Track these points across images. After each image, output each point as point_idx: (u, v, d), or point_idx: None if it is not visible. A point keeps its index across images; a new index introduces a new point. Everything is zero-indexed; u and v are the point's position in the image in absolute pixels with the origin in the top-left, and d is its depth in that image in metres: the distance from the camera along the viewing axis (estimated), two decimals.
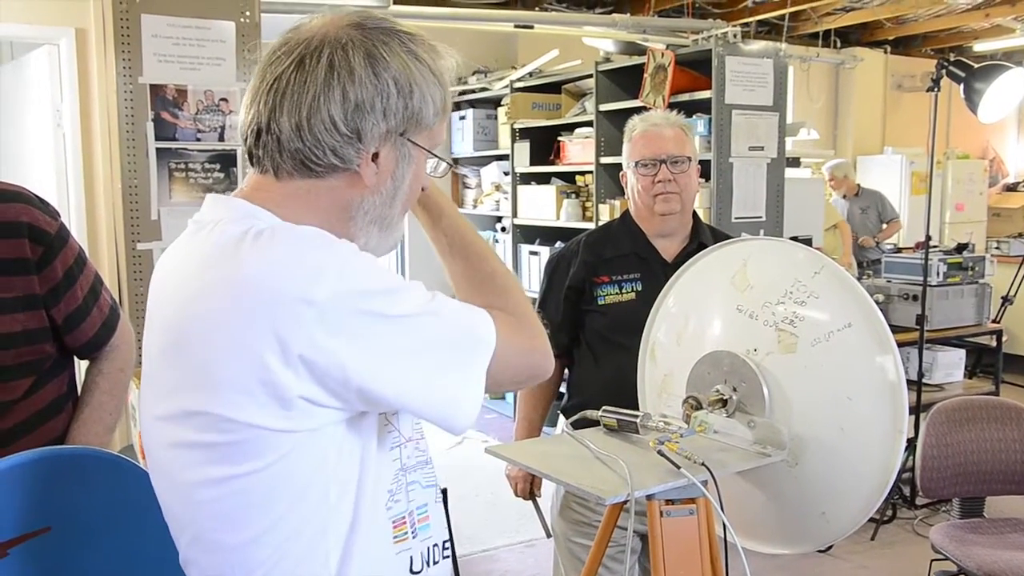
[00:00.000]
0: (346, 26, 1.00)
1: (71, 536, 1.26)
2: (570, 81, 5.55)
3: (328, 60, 0.98)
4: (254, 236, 0.94)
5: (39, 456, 1.28)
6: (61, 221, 1.56)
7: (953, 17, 7.38)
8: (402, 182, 1.05)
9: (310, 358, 0.90)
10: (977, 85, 4.09)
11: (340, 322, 0.91)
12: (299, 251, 0.93)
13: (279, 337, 0.89)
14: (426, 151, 1.06)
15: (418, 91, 1.01)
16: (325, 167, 1.00)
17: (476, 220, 6.53)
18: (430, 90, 1.02)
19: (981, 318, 4.66)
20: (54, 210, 1.57)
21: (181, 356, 0.95)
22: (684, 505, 1.54)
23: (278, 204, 1.01)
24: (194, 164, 3.51)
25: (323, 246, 0.94)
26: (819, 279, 1.60)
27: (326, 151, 0.98)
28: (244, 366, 0.91)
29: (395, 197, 1.05)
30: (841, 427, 1.54)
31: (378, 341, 0.93)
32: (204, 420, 0.94)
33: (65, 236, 1.55)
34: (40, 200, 1.55)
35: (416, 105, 1.01)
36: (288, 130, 0.98)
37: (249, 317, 0.90)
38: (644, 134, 2.15)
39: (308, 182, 1.01)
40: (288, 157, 1.00)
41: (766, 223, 4.40)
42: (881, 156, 8.16)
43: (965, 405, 3.00)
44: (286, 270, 0.91)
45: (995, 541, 2.81)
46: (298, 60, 0.99)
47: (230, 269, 0.93)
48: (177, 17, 3.43)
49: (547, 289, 2.25)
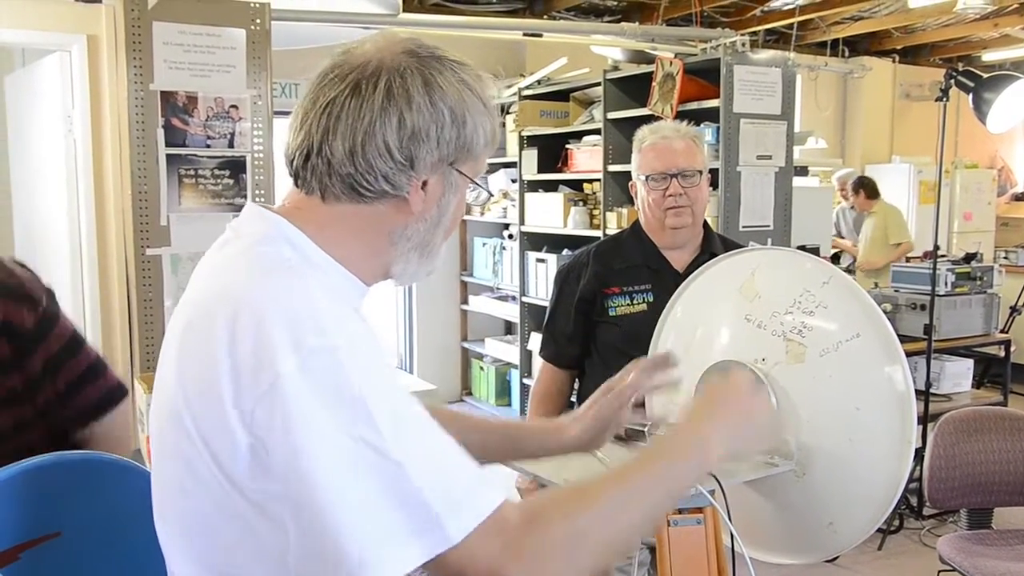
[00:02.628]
0: (401, 53, 1.00)
1: (81, 541, 1.27)
2: (578, 89, 5.55)
3: (386, 86, 0.97)
4: (280, 270, 0.94)
5: (49, 461, 1.29)
6: (44, 308, 1.46)
7: (962, 27, 7.38)
8: (447, 210, 1.05)
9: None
10: (986, 95, 4.08)
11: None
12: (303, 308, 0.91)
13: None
14: (470, 180, 1.06)
15: (471, 121, 1.01)
16: (375, 193, 0.99)
17: (483, 227, 6.55)
18: (481, 120, 1.02)
19: (989, 328, 4.64)
20: (39, 294, 1.47)
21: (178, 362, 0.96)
22: (691, 514, 1.53)
23: (320, 227, 1.00)
24: (204, 170, 3.52)
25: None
26: (828, 289, 1.60)
27: (378, 177, 0.98)
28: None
29: (439, 224, 1.05)
30: (849, 437, 1.53)
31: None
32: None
33: (48, 327, 1.46)
34: (19, 287, 1.45)
35: (468, 135, 1.01)
36: (341, 154, 0.97)
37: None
38: (654, 147, 2.13)
39: (355, 207, 1.00)
40: (338, 181, 0.99)
41: (774, 232, 4.39)
42: (889, 165, 8.15)
43: (973, 416, 2.99)
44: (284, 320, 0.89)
45: (1003, 553, 2.80)
46: (353, 84, 0.98)
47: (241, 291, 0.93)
48: (188, 24, 3.45)
49: (557, 300, 2.25)
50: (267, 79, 3.62)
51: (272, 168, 3.64)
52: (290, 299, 0.90)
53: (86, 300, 3.87)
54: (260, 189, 3.64)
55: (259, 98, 3.61)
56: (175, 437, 0.93)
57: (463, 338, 6.73)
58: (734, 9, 6.64)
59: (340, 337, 0.88)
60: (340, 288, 1.02)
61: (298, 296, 0.91)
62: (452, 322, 6.69)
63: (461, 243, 6.66)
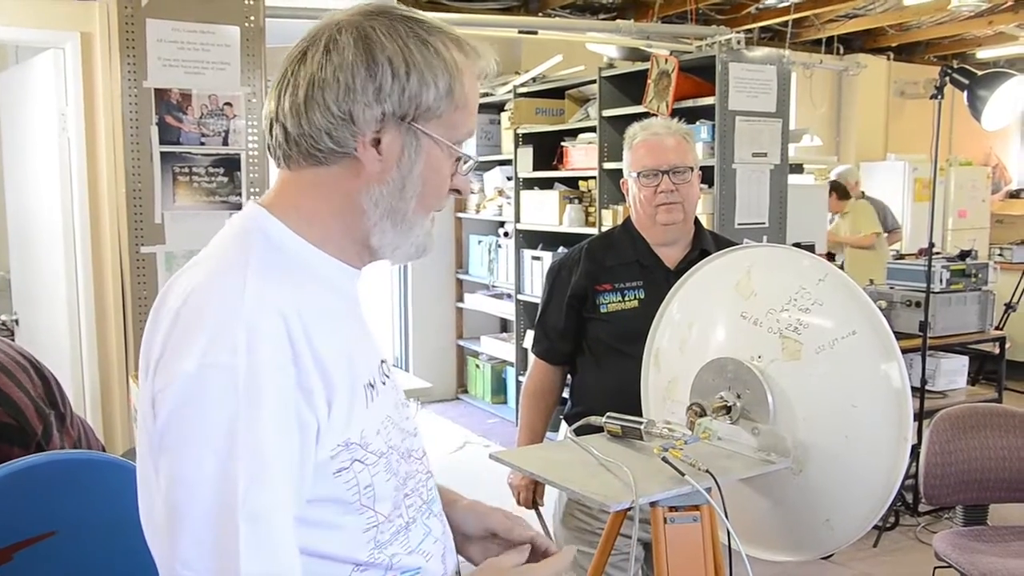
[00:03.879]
0: (355, 13, 1.01)
1: (76, 540, 1.26)
2: (574, 87, 5.55)
3: (324, 44, 0.99)
4: (233, 272, 0.95)
5: (43, 461, 1.28)
6: (37, 440, 1.42)
7: (956, 24, 7.38)
8: (409, 172, 1.02)
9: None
10: (981, 92, 4.09)
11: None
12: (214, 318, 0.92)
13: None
14: (445, 143, 1.03)
15: (416, 74, 0.99)
16: (325, 152, 1.00)
17: (478, 225, 6.54)
18: (432, 74, 0.99)
19: (984, 325, 4.65)
20: (32, 427, 1.42)
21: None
22: (688, 512, 1.54)
23: (296, 204, 1.02)
24: (198, 168, 3.51)
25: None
26: (823, 286, 1.60)
27: (322, 134, 0.99)
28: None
29: (404, 188, 1.02)
30: (845, 434, 1.54)
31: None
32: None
33: (49, 431, 1.43)
34: (8, 426, 1.40)
35: (415, 88, 0.99)
36: (291, 116, 1.00)
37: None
38: (645, 143, 2.14)
39: (316, 171, 1.01)
40: (293, 144, 1.01)
41: (769, 229, 4.40)
42: (884, 163, 8.16)
43: (969, 412, 3.00)
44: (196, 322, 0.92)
45: (999, 549, 2.80)
46: (302, 50, 1.01)
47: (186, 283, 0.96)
48: (182, 21, 3.44)
49: (549, 296, 2.25)
50: (261, 76, 3.61)
51: (267, 165, 3.63)
52: (226, 305, 0.92)
53: (80, 298, 3.85)
54: (255, 187, 3.63)
55: (253, 95, 3.60)
56: (140, 426, 0.97)
57: (459, 336, 6.73)
58: (729, 6, 6.64)
59: (246, 358, 0.88)
60: (321, 276, 1.02)
61: (234, 302, 0.92)
62: (447, 320, 6.68)
63: (456, 241, 6.66)
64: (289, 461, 0.91)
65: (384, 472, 1.01)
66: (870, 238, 6.47)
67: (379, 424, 1.03)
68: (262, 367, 0.89)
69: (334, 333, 0.98)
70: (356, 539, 1.00)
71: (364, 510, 1.00)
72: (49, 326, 4.03)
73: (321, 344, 0.95)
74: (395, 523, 1.04)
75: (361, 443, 0.98)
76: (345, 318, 1.04)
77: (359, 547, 1.00)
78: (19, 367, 1.47)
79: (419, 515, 1.09)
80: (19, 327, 4.31)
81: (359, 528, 1.00)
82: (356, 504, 0.99)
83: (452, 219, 6.60)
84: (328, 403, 0.94)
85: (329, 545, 0.98)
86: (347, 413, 0.97)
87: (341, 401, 0.96)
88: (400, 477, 1.05)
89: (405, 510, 1.06)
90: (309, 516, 0.95)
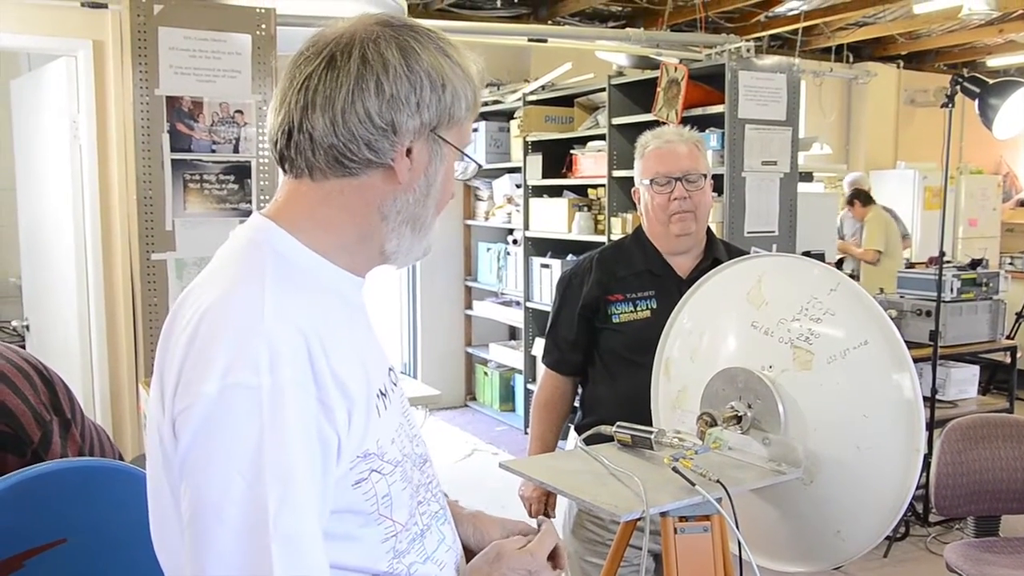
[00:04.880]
0: (374, 24, 1.01)
1: (86, 548, 1.26)
2: (583, 95, 5.56)
3: (360, 54, 0.98)
4: (250, 286, 0.94)
5: (53, 469, 1.28)
6: (34, 447, 1.39)
7: (967, 32, 7.37)
8: (435, 179, 1.04)
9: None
10: (992, 101, 4.08)
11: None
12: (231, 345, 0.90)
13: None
14: (457, 149, 1.06)
15: (451, 86, 1.01)
16: (360, 162, 0.99)
17: (488, 232, 6.55)
18: (461, 86, 1.02)
19: (995, 334, 4.63)
20: (30, 433, 1.39)
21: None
22: (698, 522, 1.53)
23: (311, 212, 1.01)
24: (209, 175, 3.52)
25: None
26: (835, 296, 1.60)
27: (360, 145, 0.98)
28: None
29: (428, 195, 1.04)
30: (857, 445, 1.53)
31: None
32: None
33: (49, 438, 1.41)
34: (4, 433, 1.37)
35: (448, 100, 1.01)
36: (322, 126, 0.98)
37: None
38: (658, 151, 2.13)
39: (342, 181, 1.00)
40: (322, 155, 0.99)
41: (779, 237, 4.39)
42: (894, 171, 8.14)
43: (980, 422, 2.98)
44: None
45: (1011, 561, 2.78)
46: (328, 58, 0.98)
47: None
48: (194, 30, 3.46)
49: (560, 307, 2.24)
50: (272, 84, 3.62)
51: (277, 173, 3.64)
52: (245, 323, 0.90)
53: (91, 305, 3.87)
54: (265, 194, 3.64)
55: (264, 103, 3.62)
56: (150, 436, 0.97)
57: (467, 343, 6.73)
58: (739, 15, 6.64)
59: (269, 378, 0.87)
60: (330, 288, 1.01)
61: (253, 320, 0.91)
62: (456, 327, 6.68)
63: (465, 248, 6.66)
64: (314, 479, 0.90)
65: (400, 481, 1.01)
66: (870, 254, 6.47)
67: (393, 432, 1.03)
68: (285, 386, 0.88)
69: (348, 345, 0.98)
70: (375, 550, 1.00)
71: (382, 520, 0.99)
72: (60, 332, 4.05)
73: (338, 358, 0.94)
74: (411, 531, 1.03)
75: (378, 453, 0.98)
76: (356, 328, 1.04)
77: (379, 558, 1.00)
78: (20, 373, 1.46)
79: (434, 522, 1.09)
80: (30, 333, 4.32)
81: (378, 539, 0.99)
82: (375, 514, 0.98)
83: (461, 226, 6.61)
84: (348, 416, 0.94)
85: (350, 557, 0.98)
86: (364, 424, 0.96)
87: (359, 413, 0.96)
88: (414, 485, 1.05)
89: (420, 517, 1.06)
90: (330, 529, 0.95)
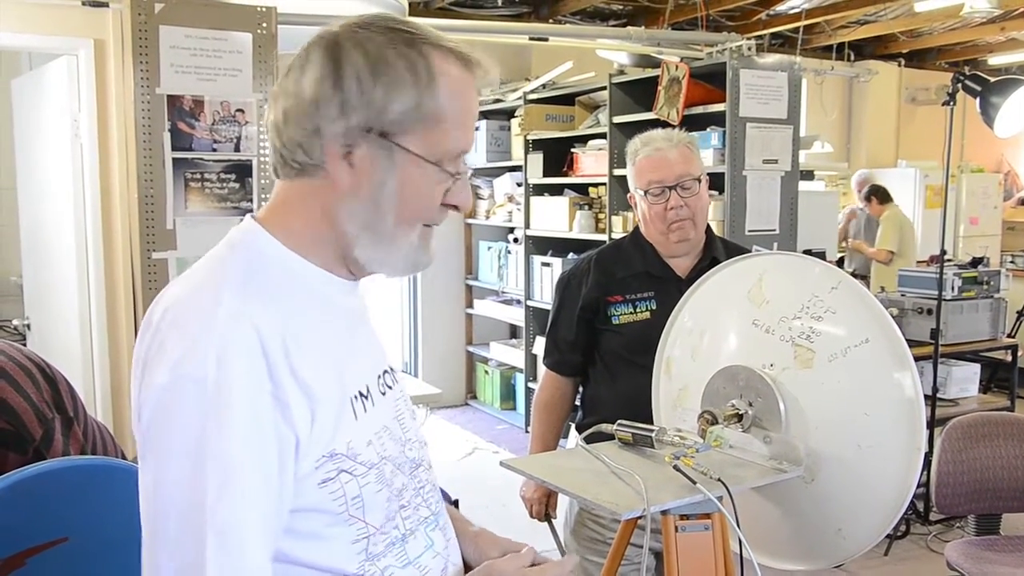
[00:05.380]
0: (344, 24, 1.01)
1: (88, 546, 1.26)
2: (584, 93, 5.56)
3: (303, 57, 1.00)
4: (212, 286, 0.96)
5: (55, 467, 1.28)
6: (36, 445, 1.38)
7: (968, 30, 7.37)
8: (381, 187, 0.99)
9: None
10: (994, 99, 4.07)
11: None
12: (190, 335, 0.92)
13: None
14: (422, 158, 0.99)
15: (381, 88, 0.96)
16: (300, 165, 1.00)
17: (488, 231, 6.55)
18: (399, 87, 0.96)
19: (996, 332, 4.63)
20: (31, 431, 1.39)
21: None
22: (699, 520, 1.53)
23: (286, 217, 1.03)
24: (210, 174, 3.52)
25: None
26: (836, 294, 1.60)
27: (295, 147, 0.99)
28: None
29: (378, 204, 0.99)
30: (858, 443, 1.53)
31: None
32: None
33: (51, 436, 1.41)
34: (4, 430, 1.37)
35: (380, 102, 0.96)
36: (273, 129, 1.02)
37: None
38: (649, 159, 2.08)
39: (299, 183, 1.02)
40: (279, 157, 1.02)
41: (780, 236, 4.39)
42: (895, 169, 8.14)
43: (981, 421, 2.98)
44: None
45: (1012, 559, 2.78)
46: (289, 65, 1.03)
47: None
48: (195, 28, 3.45)
49: (559, 308, 2.23)
50: (273, 83, 3.61)
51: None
52: (200, 320, 0.92)
53: (92, 303, 3.87)
54: (266, 193, 3.64)
55: (265, 102, 3.61)
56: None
57: (468, 342, 6.73)
58: (740, 13, 6.64)
59: (215, 372, 0.89)
60: (310, 289, 1.01)
61: (207, 317, 0.92)
62: (457, 326, 6.69)
63: (466, 247, 6.67)
64: (264, 474, 0.91)
65: (375, 483, 1.00)
66: (882, 254, 6.43)
67: (371, 435, 1.02)
68: (234, 381, 0.89)
69: (319, 346, 0.98)
70: (345, 550, 0.99)
71: (353, 521, 0.99)
72: (61, 331, 4.05)
73: (303, 358, 0.94)
74: (390, 535, 1.03)
75: (348, 454, 0.98)
76: (337, 330, 1.03)
77: (348, 558, 0.99)
78: (23, 371, 1.47)
79: (421, 527, 1.08)
80: (31, 331, 4.33)
81: (347, 539, 0.99)
82: (344, 515, 0.98)
83: (462, 225, 6.62)
84: (311, 415, 0.94)
85: (318, 556, 0.98)
86: (333, 425, 0.96)
87: (326, 413, 0.96)
88: (395, 488, 1.03)
89: (402, 522, 1.04)
90: (297, 526, 0.95)
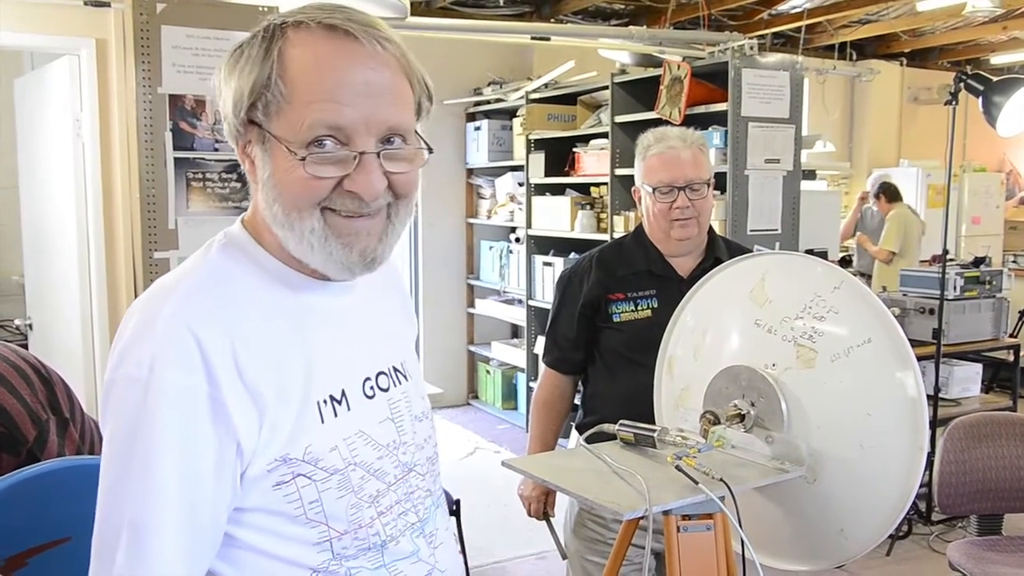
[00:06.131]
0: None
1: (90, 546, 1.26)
2: (586, 93, 5.55)
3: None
4: (170, 290, 0.98)
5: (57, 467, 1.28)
6: (29, 447, 1.40)
7: (970, 30, 7.36)
8: (266, 176, 0.98)
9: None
10: (996, 99, 4.07)
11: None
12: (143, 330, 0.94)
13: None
14: (281, 140, 0.95)
15: (237, 72, 0.98)
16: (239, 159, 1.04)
17: (490, 230, 6.55)
18: (251, 71, 0.96)
19: (998, 332, 4.63)
20: (25, 433, 1.40)
21: None
22: (701, 520, 1.53)
23: (256, 217, 1.04)
24: (211, 174, 3.52)
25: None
26: (838, 294, 1.59)
27: (229, 142, 1.04)
28: None
29: (267, 192, 0.98)
30: (860, 443, 1.53)
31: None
32: None
33: (45, 437, 1.42)
34: (30, 398, 1.40)
35: (240, 90, 0.97)
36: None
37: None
38: (661, 157, 2.08)
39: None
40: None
41: (782, 235, 4.38)
42: (897, 169, 8.13)
43: (984, 421, 2.98)
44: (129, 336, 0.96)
45: (1014, 559, 2.78)
46: None
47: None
48: (197, 28, 3.45)
49: (560, 306, 2.23)
50: None
51: None
52: (145, 320, 0.95)
53: (94, 303, 3.87)
54: None
55: None
56: None
57: (469, 341, 6.73)
58: (742, 13, 6.63)
59: (148, 372, 0.91)
60: (281, 290, 1.01)
61: (150, 319, 0.94)
62: (458, 325, 6.69)
63: (468, 246, 6.67)
64: (195, 475, 0.91)
65: (337, 489, 0.99)
66: (883, 254, 6.43)
67: (339, 440, 1.00)
68: (166, 383, 0.90)
69: (279, 351, 0.97)
70: (307, 549, 0.99)
71: (314, 524, 0.98)
72: (62, 330, 4.05)
73: (252, 361, 0.94)
74: (366, 540, 1.01)
75: (306, 459, 0.97)
76: (309, 334, 1.01)
77: (311, 556, 0.99)
78: (18, 373, 1.46)
79: (407, 533, 1.06)
80: (32, 331, 4.33)
81: (310, 540, 0.98)
82: (302, 518, 0.97)
83: (464, 225, 6.62)
84: (259, 418, 0.94)
85: (280, 549, 0.98)
86: (290, 429, 0.96)
87: (281, 417, 0.95)
88: (365, 495, 1.01)
89: (382, 528, 1.03)
90: (257, 523, 0.97)
